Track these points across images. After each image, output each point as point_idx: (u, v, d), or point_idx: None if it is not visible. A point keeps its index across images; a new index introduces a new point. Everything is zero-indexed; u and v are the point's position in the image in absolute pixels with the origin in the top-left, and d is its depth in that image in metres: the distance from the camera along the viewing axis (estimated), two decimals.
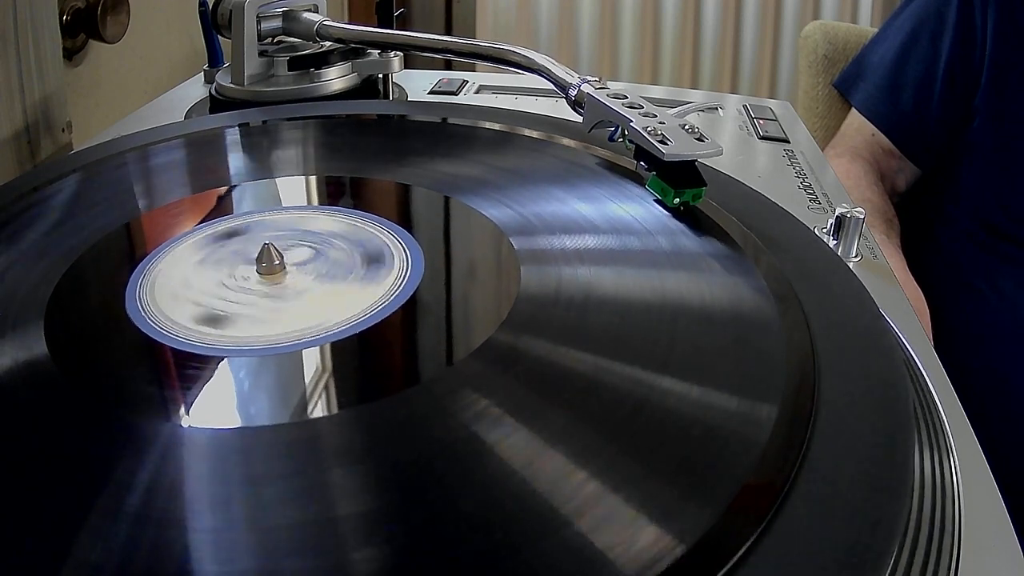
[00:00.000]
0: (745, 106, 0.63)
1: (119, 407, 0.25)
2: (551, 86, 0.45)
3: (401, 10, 0.65)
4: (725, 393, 0.25)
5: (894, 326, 0.33)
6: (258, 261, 0.31)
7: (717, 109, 0.62)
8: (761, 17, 1.49)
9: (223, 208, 0.38)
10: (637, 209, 0.35)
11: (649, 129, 0.36)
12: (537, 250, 0.32)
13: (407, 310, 0.29)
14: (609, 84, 0.43)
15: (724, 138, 0.56)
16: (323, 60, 0.55)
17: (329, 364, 0.27)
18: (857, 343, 0.28)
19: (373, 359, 0.28)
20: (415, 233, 0.34)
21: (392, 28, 0.61)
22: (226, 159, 0.45)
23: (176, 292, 0.30)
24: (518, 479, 0.22)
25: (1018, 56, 0.72)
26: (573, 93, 0.43)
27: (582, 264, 0.31)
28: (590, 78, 0.43)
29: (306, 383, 0.26)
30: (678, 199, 0.35)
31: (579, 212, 0.35)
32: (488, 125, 0.46)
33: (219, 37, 0.63)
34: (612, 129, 0.40)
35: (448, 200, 0.37)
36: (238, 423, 0.24)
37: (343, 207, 0.36)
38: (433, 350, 0.29)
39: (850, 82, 0.84)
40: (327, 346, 0.27)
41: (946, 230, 0.77)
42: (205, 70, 0.65)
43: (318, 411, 0.25)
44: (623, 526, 0.20)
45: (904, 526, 0.22)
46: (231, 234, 0.34)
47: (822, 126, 0.89)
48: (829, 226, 0.41)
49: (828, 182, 0.49)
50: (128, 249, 0.35)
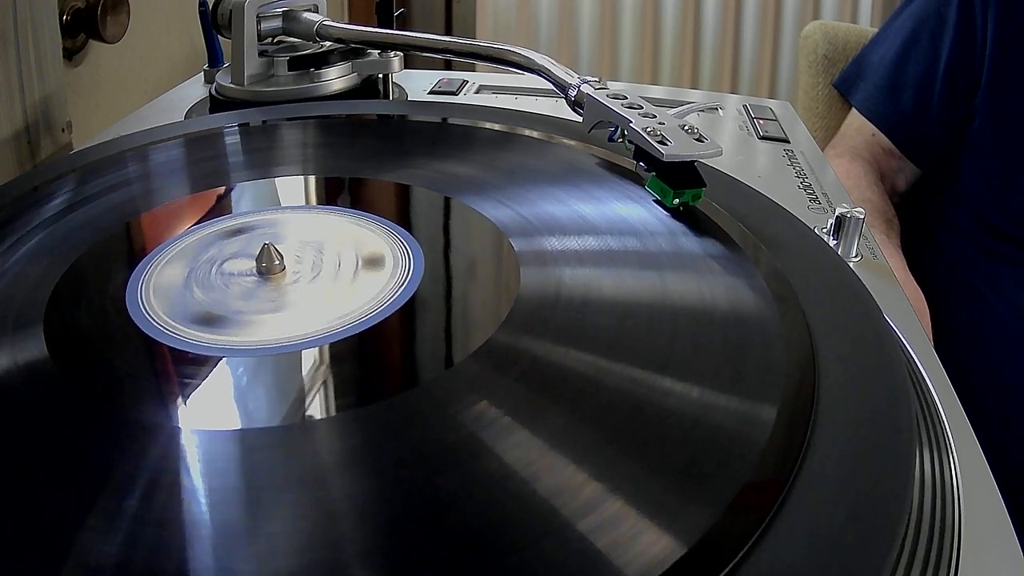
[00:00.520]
0: (745, 106, 0.63)
1: (119, 407, 0.25)
2: (551, 86, 0.45)
3: (401, 10, 0.65)
4: (725, 393, 0.25)
5: (894, 326, 0.33)
6: (258, 261, 0.31)
7: (717, 109, 0.62)
8: (761, 17, 1.49)
9: (223, 208, 0.38)
10: (637, 209, 0.35)
11: (649, 129, 0.36)
12: (537, 250, 0.32)
13: (407, 311, 0.29)
14: (609, 84, 0.43)
15: (724, 138, 0.56)
16: (323, 60, 0.55)
17: (329, 365, 0.27)
18: (857, 343, 0.28)
19: (373, 360, 0.28)
20: (415, 233, 0.34)
21: (392, 28, 0.61)
22: (226, 159, 0.45)
23: (176, 292, 0.30)
24: (518, 480, 0.22)
25: (1018, 56, 0.72)
26: (573, 93, 0.43)
27: (582, 264, 0.31)
28: (590, 78, 0.43)
29: (306, 384, 0.26)
30: (678, 199, 0.35)
31: (579, 212, 0.35)
32: (488, 125, 0.46)
33: (219, 37, 0.63)
34: (612, 129, 0.40)
35: (448, 200, 0.37)
36: (238, 424, 0.25)
37: (343, 207, 0.36)
38: (433, 351, 0.29)
39: (850, 82, 0.84)
40: (327, 347, 0.27)
41: (946, 230, 0.77)
42: (205, 70, 0.65)
43: (318, 412, 0.25)
44: (623, 526, 0.20)
45: (904, 526, 0.22)
46: (231, 234, 0.34)
47: (822, 126, 0.89)
48: (829, 226, 0.41)
49: (828, 182, 0.49)
50: (128, 249, 0.35)
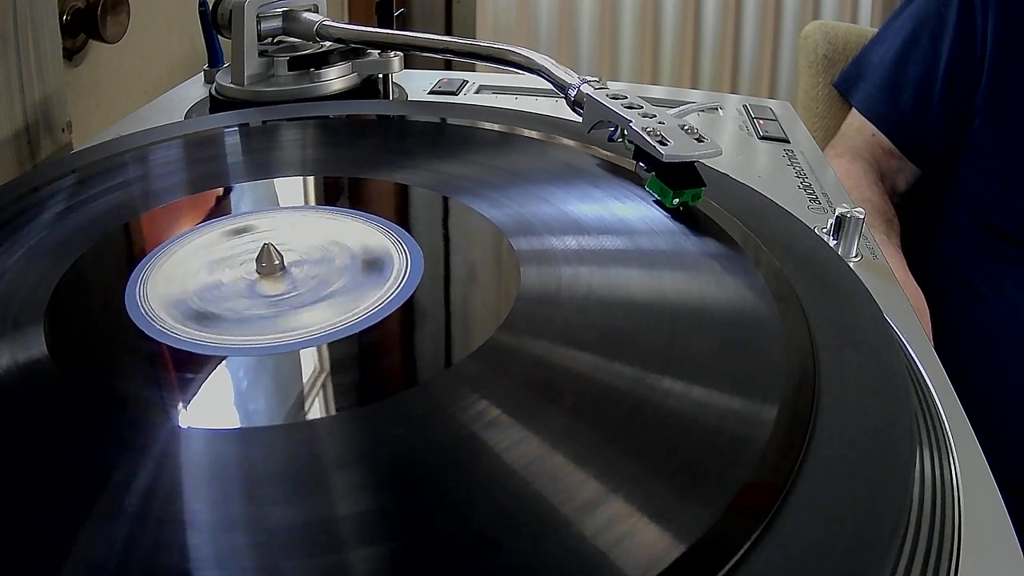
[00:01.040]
0: (745, 106, 0.63)
1: (119, 407, 0.25)
2: (551, 86, 0.45)
3: (401, 10, 0.65)
4: (725, 393, 0.25)
5: (894, 326, 0.33)
6: (258, 261, 0.31)
7: (717, 109, 0.62)
8: (761, 17, 1.49)
9: (223, 208, 0.38)
10: (637, 209, 0.35)
11: (648, 130, 0.36)
12: (537, 250, 0.32)
13: (407, 310, 0.29)
14: (609, 84, 0.43)
15: (724, 138, 0.56)
16: (323, 60, 0.55)
17: (328, 365, 0.27)
18: (857, 343, 0.28)
19: (373, 360, 0.28)
20: (415, 233, 0.34)
21: (392, 28, 0.61)
22: (226, 159, 0.45)
23: (176, 292, 0.30)
24: (518, 479, 0.22)
25: (1018, 56, 0.72)
26: (573, 93, 0.43)
27: (582, 264, 0.31)
28: (590, 78, 0.43)
29: (306, 384, 0.26)
30: (677, 200, 0.35)
31: (579, 212, 0.35)
32: (488, 125, 0.46)
33: (219, 37, 0.63)
34: (612, 129, 0.40)
35: (448, 200, 0.37)
36: (237, 423, 0.25)
37: (342, 207, 0.36)
38: (433, 351, 0.29)
39: (850, 82, 0.84)
40: (326, 347, 0.27)
41: (946, 230, 0.77)
42: (205, 70, 0.65)
43: (318, 411, 0.25)
44: (623, 526, 0.20)
45: (904, 526, 0.22)
46: (231, 234, 0.34)
47: (822, 126, 0.89)
48: (829, 226, 0.41)
49: (828, 182, 0.49)
50: (128, 249, 0.35)
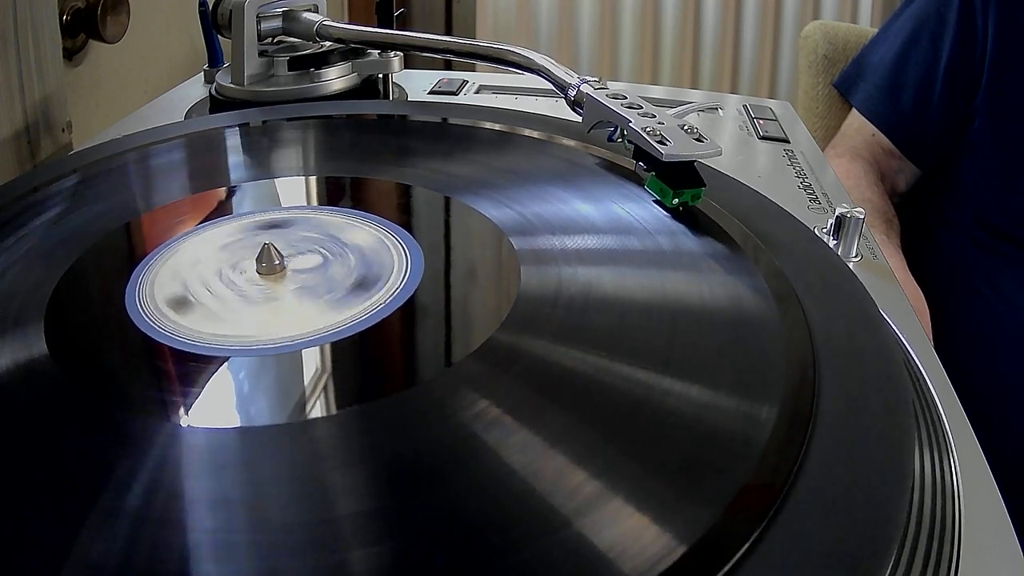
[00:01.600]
0: (745, 106, 0.63)
1: (119, 407, 0.25)
2: (551, 86, 0.45)
3: (401, 10, 0.65)
4: (725, 393, 0.25)
5: (894, 326, 0.33)
6: (258, 261, 0.31)
7: (717, 109, 0.62)
8: (761, 17, 1.49)
9: (222, 208, 0.38)
10: (637, 209, 0.35)
11: (648, 129, 0.36)
12: (537, 250, 0.32)
13: (407, 310, 0.29)
14: (609, 84, 0.43)
15: (724, 138, 0.56)
16: (323, 60, 0.55)
17: (329, 364, 0.27)
18: (857, 343, 0.28)
19: (373, 359, 0.28)
20: (415, 233, 0.34)
21: (392, 28, 0.61)
22: (226, 159, 0.45)
23: (176, 292, 0.30)
24: (518, 479, 0.22)
25: (1018, 56, 0.72)
26: (572, 93, 0.43)
27: (582, 264, 0.31)
28: (589, 78, 0.43)
29: (306, 383, 0.26)
30: (677, 199, 0.35)
31: (579, 212, 0.35)
32: (488, 125, 0.46)
33: (219, 37, 0.63)
34: (611, 129, 0.40)
35: (448, 200, 0.37)
36: (238, 423, 0.25)
37: (342, 207, 0.36)
38: (433, 350, 0.29)
39: (850, 82, 0.84)
40: (327, 346, 0.27)
41: (946, 230, 0.77)
42: (205, 70, 0.65)
43: (318, 411, 0.25)
44: (623, 526, 0.20)
45: (904, 526, 0.22)
46: (230, 234, 0.34)
47: (822, 126, 0.89)
48: (829, 226, 0.41)
49: (828, 182, 0.49)
50: (128, 249, 0.35)
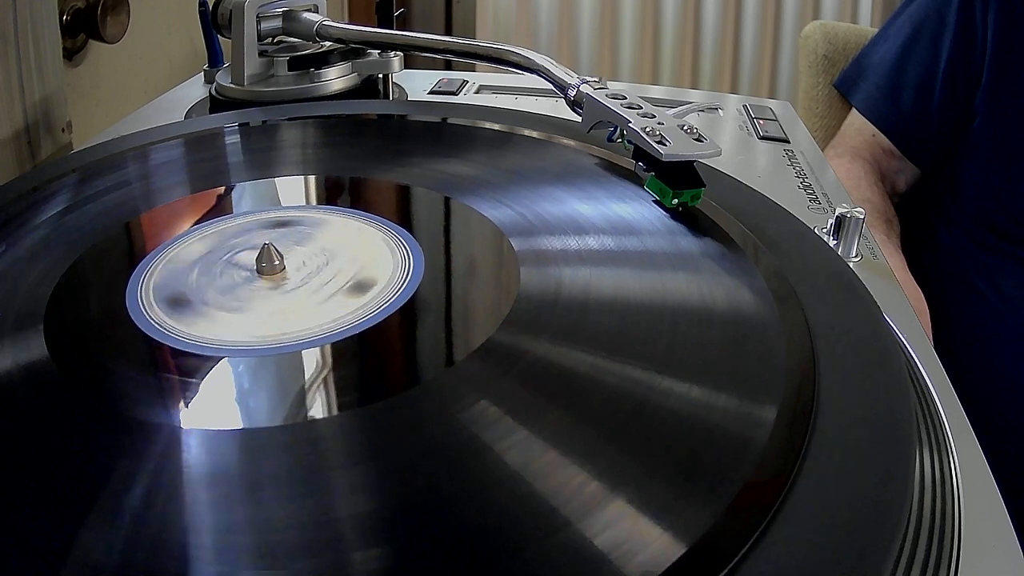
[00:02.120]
0: (745, 106, 0.63)
1: (119, 407, 0.25)
2: (551, 86, 0.45)
3: (401, 10, 0.65)
4: (725, 393, 0.25)
5: (894, 326, 0.33)
6: (258, 261, 0.31)
7: (717, 109, 0.62)
8: (761, 17, 1.49)
9: (222, 208, 0.38)
10: (637, 209, 0.35)
11: (647, 129, 0.36)
12: (537, 250, 0.32)
13: (407, 310, 0.29)
14: (609, 84, 0.43)
15: (724, 138, 0.56)
16: (323, 60, 0.55)
17: (329, 364, 0.27)
18: (857, 343, 0.28)
19: (373, 360, 0.28)
20: (415, 233, 0.34)
21: (392, 28, 0.61)
22: (226, 159, 0.45)
23: (177, 292, 0.30)
24: (518, 479, 0.22)
25: (1018, 56, 0.72)
26: (572, 93, 0.43)
27: (582, 264, 0.31)
28: (589, 78, 0.43)
29: (306, 383, 0.26)
30: (676, 200, 0.35)
31: (579, 212, 0.35)
32: (488, 125, 0.46)
33: (219, 37, 0.63)
34: (611, 129, 0.40)
35: (448, 200, 0.37)
36: (238, 424, 0.24)
37: (342, 207, 0.36)
38: (433, 350, 0.29)
39: (850, 82, 0.84)
40: (327, 347, 0.27)
41: (946, 230, 0.77)
42: (205, 70, 0.65)
43: (318, 411, 0.25)
44: (623, 526, 0.20)
45: (904, 526, 0.22)
46: (230, 234, 0.34)
47: (822, 126, 0.89)
48: (829, 226, 0.41)
49: (828, 182, 0.49)
50: (128, 249, 0.35)
